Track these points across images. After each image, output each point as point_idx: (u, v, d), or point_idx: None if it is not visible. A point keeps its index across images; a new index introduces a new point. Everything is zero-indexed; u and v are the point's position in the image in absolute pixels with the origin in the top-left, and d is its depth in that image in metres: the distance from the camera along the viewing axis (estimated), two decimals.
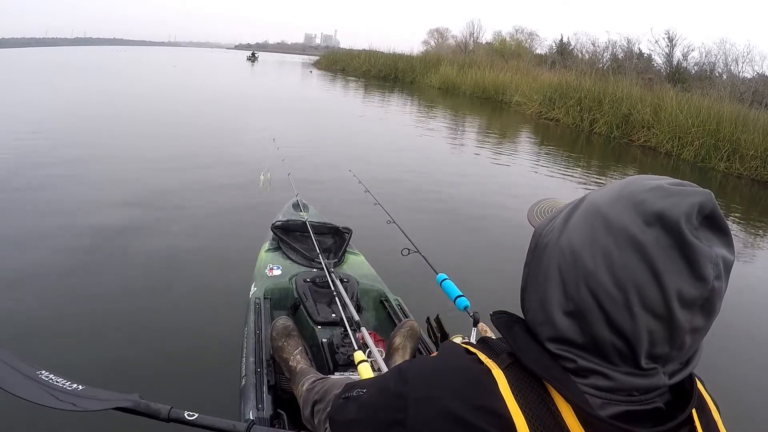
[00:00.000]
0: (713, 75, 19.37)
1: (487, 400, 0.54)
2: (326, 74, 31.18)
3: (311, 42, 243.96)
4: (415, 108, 16.75)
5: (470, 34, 38.41)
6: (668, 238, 0.50)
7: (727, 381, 2.83)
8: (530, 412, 0.53)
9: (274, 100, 16.15)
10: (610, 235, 0.53)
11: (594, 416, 0.51)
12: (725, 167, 9.92)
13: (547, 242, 0.59)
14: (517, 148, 10.55)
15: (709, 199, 0.52)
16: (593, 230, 0.54)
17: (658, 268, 0.50)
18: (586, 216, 0.56)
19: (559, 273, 0.56)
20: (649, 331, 0.51)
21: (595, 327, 0.53)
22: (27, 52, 44.84)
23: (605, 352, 0.54)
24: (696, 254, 0.50)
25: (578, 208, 0.58)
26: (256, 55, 51.78)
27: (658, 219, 0.51)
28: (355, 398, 0.72)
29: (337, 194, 5.34)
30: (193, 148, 7.55)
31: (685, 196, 0.51)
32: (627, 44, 23.62)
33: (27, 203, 4.52)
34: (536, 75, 19.15)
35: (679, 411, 0.55)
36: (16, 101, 11.37)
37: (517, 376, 0.55)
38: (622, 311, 0.52)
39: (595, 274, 0.53)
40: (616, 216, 0.53)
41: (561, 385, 0.53)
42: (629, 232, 0.52)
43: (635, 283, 0.51)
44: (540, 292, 0.58)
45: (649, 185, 0.54)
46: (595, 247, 0.54)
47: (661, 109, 11.91)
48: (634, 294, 0.51)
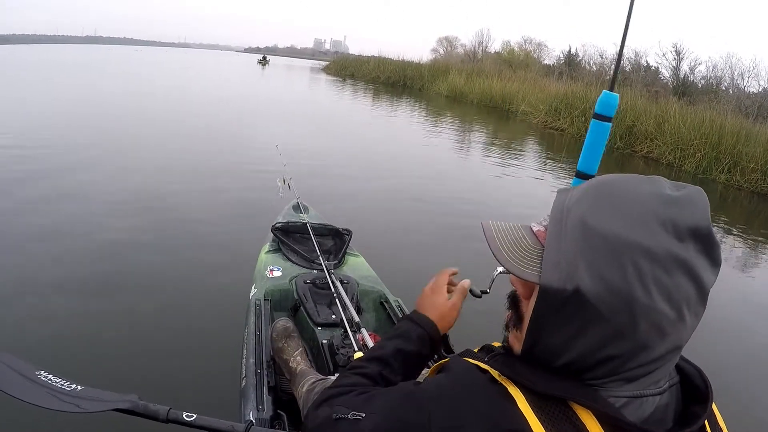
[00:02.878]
0: (719, 89, 19.52)
1: (513, 423, 0.53)
2: (336, 80, 31.42)
3: (320, 47, 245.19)
4: (422, 115, 16.98)
5: (479, 43, 38.71)
6: (701, 245, 0.53)
7: (729, 388, 2.88)
8: (553, 428, 0.52)
9: (285, 103, 16.45)
10: (654, 263, 0.52)
11: (625, 423, 0.51)
12: (726, 179, 10.10)
13: (577, 296, 0.54)
14: (523, 156, 10.75)
15: (702, 196, 0.55)
16: (634, 265, 0.52)
17: (699, 275, 0.53)
18: (613, 250, 0.53)
19: (606, 319, 0.53)
20: (691, 328, 0.55)
21: (647, 349, 0.54)
22: (38, 49, 45.32)
23: (643, 366, 0.55)
24: (715, 246, 0.54)
25: (587, 242, 0.54)
26: (267, 59, 52.52)
27: (692, 233, 0.52)
28: (352, 422, 0.67)
29: (338, 195, 5.45)
30: (199, 149, 7.64)
31: (689, 202, 0.54)
32: (635, 57, 23.82)
33: (25, 203, 4.51)
34: (543, 85, 19.35)
35: (695, 408, 0.57)
36: (48, 103, 11.61)
37: (538, 397, 0.55)
38: (676, 324, 0.53)
39: (654, 306, 0.52)
40: (652, 241, 0.52)
41: (586, 398, 0.53)
42: (672, 254, 0.52)
43: (686, 297, 0.53)
44: (576, 336, 0.55)
45: (655, 197, 0.54)
46: (645, 280, 0.52)
47: (664, 121, 12.11)
48: (685, 306, 0.53)
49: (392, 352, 0.84)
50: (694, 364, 0.62)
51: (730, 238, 6.43)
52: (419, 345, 0.86)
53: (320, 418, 0.72)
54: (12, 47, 50.58)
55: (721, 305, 4.05)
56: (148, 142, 7.80)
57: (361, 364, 0.84)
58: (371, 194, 6.09)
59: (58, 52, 44.47)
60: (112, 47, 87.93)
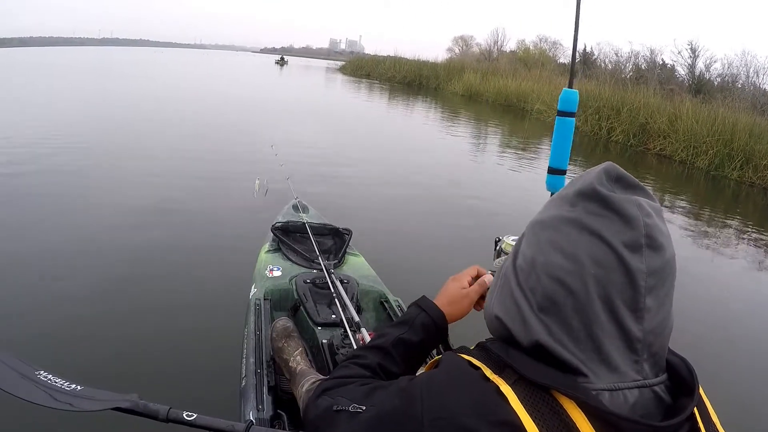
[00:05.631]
0: (734, 87, 19.49)
1: (502, 415, 0.54)
2: (352, 79, 31.70)
3: (336, 47, 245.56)
4: (438, 114, 17.28)
5: (494, 42, 38.92)
6: (592, 204, 0.57)
7: (731, 392, 2.84)
8: (543, 422, 0.53)
9: (302, 101, 16.79)
10: (548, 229, 0.59)
11: (608, 413, 0.52)
12: (738, 176, 10.22)
13: (505, 271, 0.65)
14: (538, 153, 10.99)
15: (612, 166, 0.59)
16: (535, 236, 0.61)
17: (596, 230, 0.56)
18: (528, 233, 0.63)
19: (519, 286, 0.61)
20: (612, 283, 0.55)
21: (564, 309, 0.56)
22: (58, 52, 45.75)
23: (587, 332, 0.56)
24: (617, 203, 0.56)
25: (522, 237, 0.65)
26: (285, 60, 53.64)
27: (579, 195, 0.58)
28: (352, 414, 0.68)
29: (338, 195, 5.51)
30: (201, 149, 7.64)
31: (590, 172, 0.59)
32: (650, 55, 23.88)
33: (28, 201, 4.55)
34: (558, 84, 19.41)
35: (683, 401, 0.57)
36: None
37: (526, 390, 0.56)
38: (579, 278, 0.55)
39: (550, 261, 0.58)
40: (547, 216, 0.61)
41: (570, 389, 0.54)
42: (563, 217, 0.59)
43: (586, 251, 0.56)
44: (510, 307, 0.62)
45: (562, 190, 0.62)
46: (542, 245, 0.59)
47: (677, 119, 12.25)
48: (587, 259, 0.55)
49: (393, 341, 0.85)
50: (679, 356, 0.62)
51: (744, 234, 6.50)
52: (423, 333, 0.86)
53: (321, 409, 0.73)
54: (34, 49, 51.64)
55: (736, 300, 4.19)
56: (165, 141, 7.99)
57: (362, 353, 0.85)
58: (371, 194, 6.11)
59: (83, 53, 45.06)
60: (133, 49, 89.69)
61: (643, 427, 0.53)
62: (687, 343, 2.94)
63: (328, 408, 0.72)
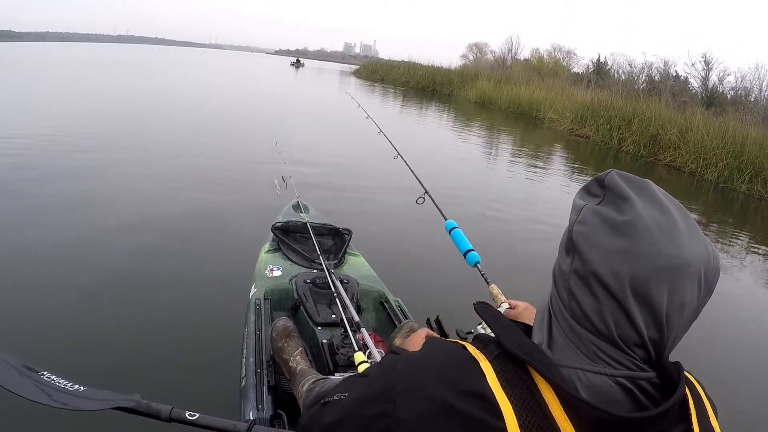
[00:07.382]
0: (747, 100, 19.51)
1: (472, 385, 0.55)
2: (366, 83, 31.82)
3: (350, 51, 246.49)
4: (450, 121, 17.45)
5: (509, 50, 39.05)
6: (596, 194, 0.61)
7: (731, 394, 2.92)
8: (515, 396, 0.54)
9: (315, 102, 17.05)
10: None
11: (574, 397, 0.52)
12: (747, 188, 10.30)
13: None
14: (550, 163, 11.14)
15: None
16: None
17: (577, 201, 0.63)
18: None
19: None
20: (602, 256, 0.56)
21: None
22: (78, 47, 45.98)
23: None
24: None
25: None
26: (302, 62, 54.42)
27: (598, 187, 0.62)
28: (337, 401, 0.71)
29: (340, 194, 5.54)
30: (204, 149, 7.67)
31: None
32: (663, 66, 23.93)
33: (32, 203, 4.53)
34: (570, 93, 19.58)
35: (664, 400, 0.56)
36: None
37: (505, 366, 0.56)
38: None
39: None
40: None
41: (542, 366, 0.54)
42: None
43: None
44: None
45: None
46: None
47: (688, 131, 12.34)
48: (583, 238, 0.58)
49: None
50: (674, 362, 0.61)
51: (753, 247, 6.53)
52: None
53: (313, 410, 0.76)
54: (48, 44, 51.91)
55: (745, 312, 4.25)
56: (165, 141, 8.06)
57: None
58: (372, 194, 6.14)
59: (100, 50, 45.54)
60: (155, 47, 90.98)
61: (613, 417, 0.52)
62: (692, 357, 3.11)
63: (317, 404, 0.76)
